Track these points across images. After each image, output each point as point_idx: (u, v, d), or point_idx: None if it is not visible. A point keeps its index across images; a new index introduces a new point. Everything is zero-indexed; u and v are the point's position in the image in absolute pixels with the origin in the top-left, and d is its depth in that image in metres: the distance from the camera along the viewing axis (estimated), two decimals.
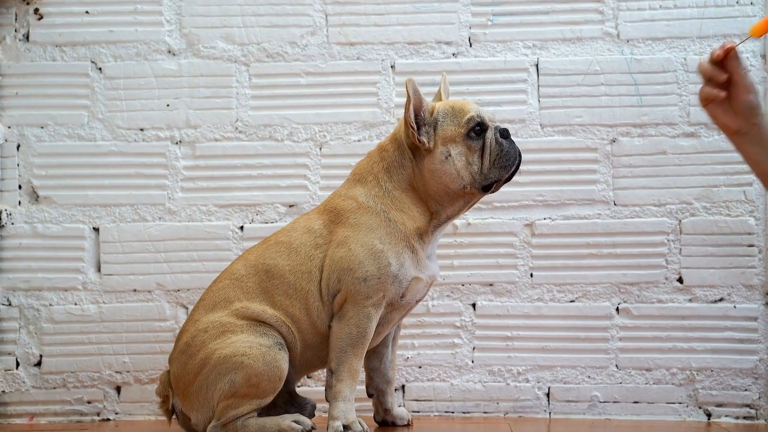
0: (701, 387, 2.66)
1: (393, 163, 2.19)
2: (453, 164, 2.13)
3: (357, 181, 2.23)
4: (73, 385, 2.72)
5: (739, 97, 1.93)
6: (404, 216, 2.16)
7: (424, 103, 2.16)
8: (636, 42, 2.71)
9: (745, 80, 1.93)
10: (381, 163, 2.21)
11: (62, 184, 2.74)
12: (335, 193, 2.26)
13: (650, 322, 2.67)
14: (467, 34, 2.74)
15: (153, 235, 2.73)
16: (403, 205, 2.17)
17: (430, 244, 2.21)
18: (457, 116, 2.16)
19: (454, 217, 2.23)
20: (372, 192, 2.19)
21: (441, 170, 2.14)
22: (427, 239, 2.19)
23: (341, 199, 2.22)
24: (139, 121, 2.75)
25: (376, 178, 2.20)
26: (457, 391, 2.71)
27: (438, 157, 2.14)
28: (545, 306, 2.70)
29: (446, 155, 2.14)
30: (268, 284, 2.18)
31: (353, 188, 2.22)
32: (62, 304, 2.72)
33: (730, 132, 1.99)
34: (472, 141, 2.15)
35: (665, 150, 2.69)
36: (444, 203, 2.18)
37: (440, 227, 2.22)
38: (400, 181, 2.18)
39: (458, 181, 2.14)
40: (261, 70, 2.75)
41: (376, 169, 2.21)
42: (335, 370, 2.13)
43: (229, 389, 2.09)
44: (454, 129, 2.15)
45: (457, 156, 2.14)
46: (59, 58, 2.75)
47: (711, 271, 2.66)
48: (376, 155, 2.24)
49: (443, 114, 2.17)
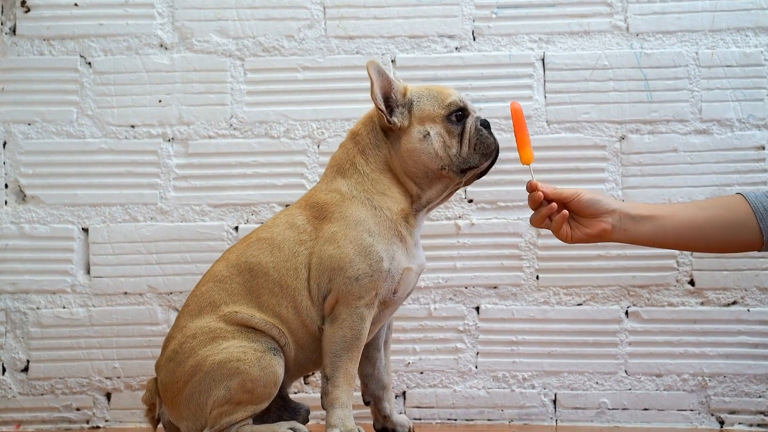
0: (714, 393, 2.66)
1: (368, 146, 2.20)
2: (431, 144, 2.14)
3: (336, 173, 2.22)
4: (61, 392, 2.72)
5: (572, 205, 2.14)
6: (387, 199, 2.15)
7: (394, 84, 2.16)
8: (646, 35, 2.70)
9: (564, 194, 2.14)
10: (356, 148, 2.20)
11: (50, 183, 2.73)
12: (315, 188, 2.24)
13: (661, 326, 2.67)
14: (471, 27, 2.74)
15: (144, 236, 2.73)
16: (384, 186, 2.17)
17: (415, 229, 2.20)
18: (436, 98, 2.17)
19: (434, 203, 2.21)
20: (353, 180, 2.18)
21: (419, 149, 2.14)
22: (413, 222, 2.19)
23: (323, 193, 2.20)
24: (130, 117, 2.74)
25: (353, 164, 2.19)
26: (460, 398, 2.70)
27: (415, 135, 2.15)
28: (551, 309, 2.70)
29: (424, 134, 2.14)
30: (252, 284, 2.16)
31: (334, 181, 2.21)
32: (50, 308, 2.72)
33: (602, 236, 2.17)
34: (452, 125, 2.16)
35: (676, 147, 2.68)
36: (423, 185, 2.17)
37: (421, 212, 2.21)
38: (377, 162, 2.18)
39: (437, 161, 2.14)
40: (256, 65, 2.74)
41: (351, 155, 2.20)
42: (331, 376, 2.11)
43: (224, 396, 2.07)
44: (433, 109, 2.16)
45: (435, 136, 2.14)
46: (47, 53, 2.75)
47: (724, 273, 2.66)
48: (349, 143, 2.24)
49: (418, 95, 2.17)
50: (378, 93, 2.13)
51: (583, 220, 2.17)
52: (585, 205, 2.16)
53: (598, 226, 2.16)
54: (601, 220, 2.16)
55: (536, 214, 2.17)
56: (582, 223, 2.17)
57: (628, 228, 2.16)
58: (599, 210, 2.16)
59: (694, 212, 2.16)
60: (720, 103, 2.67)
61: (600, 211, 2.16)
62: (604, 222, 2.16)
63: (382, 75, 2.13)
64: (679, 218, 2.16)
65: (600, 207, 2.16)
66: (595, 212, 2.16)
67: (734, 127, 2.66)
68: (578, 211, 2.17)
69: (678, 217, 2.16)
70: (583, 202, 2.15)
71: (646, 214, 2.17)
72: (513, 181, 2.67)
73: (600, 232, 2.16)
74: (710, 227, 2.14)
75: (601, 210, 2.16)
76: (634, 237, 2.17)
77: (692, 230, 2.15)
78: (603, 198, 2.17)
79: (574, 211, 2.17)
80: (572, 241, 2.18)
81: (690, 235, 2.15)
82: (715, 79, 2.67)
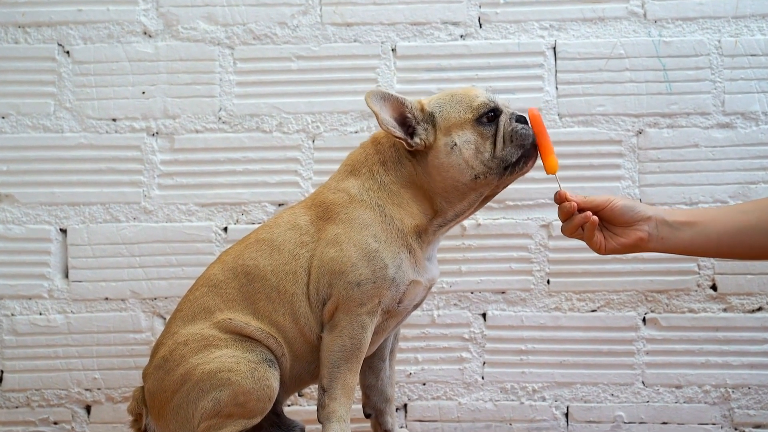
0: (737, 406, 2.66)
1: (390, 159, 2.18)
2: (460, 154, 2.10)
3: (349, 173, 2.20)
4: (37, 404, 2.72)
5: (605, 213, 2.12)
6: (402, 212, 2.14)
7: (407, 102, 2.13)
8: (665, 22, 2.70)
9: (596, 202, 2.12)
10: (376, 156, 2.19)
11: (25, 181, 2.73)
12: (324, 185, 2.23)
13: (680, 334, 2.68)
14: (477, 13, 2.73)
15: (127, 237, 2.72)
16: (402, 200, 2.15)
17: (430, 245, 2.20)
18: (461, 102, 2.14)
19: (463, 216, 2.20)
20: (366, 185, 2.16)
21: (447, 163, 2.11)
22: (427, 239, 2.18)
23: (331, 192, 2.18)
24: (111, 110, 2.74)
25: (371, 170, 2.18)
26: (466, 411, 2.71)
27: (442, 149, 2.11)
28: (563, 316, 2.70)
29: (451, 145, 2.11)
30: (249, 289, 2.15)
31: (345, 180, 2.19)
32: (26, 314, 2.72)
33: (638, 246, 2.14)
34: (484, 127, 2.11)
35: (697, 143, 2.68)
36: (452, 199, 2.15)
37: (445, 226, 2.20)
38: (398, 176, 2.16)
39: (468, 172, 2.10)
40: (247, 54, 2.74)
41: (371, 162, 2.19)
42: (328, 388, 2.10)
43: (212, 408, 2.07)
44: (459, 115, 2.12)
45: (464, 144, 2.10)
46: (22, 41, 2.75)
47: (748, 277, 2.66)
48: (370, 147, 2.22)
49: (439, 104, 2.14)
50: (388, 120, 2.09)
51: (616, 229, 2.15)
52: (619, 213, 2.13)
53: (634, 235, 2.13)
54: (636, 229, 2.13)
55: (568, 224, 2.15)
56: (616, 232, 2.15)
57: (666, 236, 2.14)
58: (634, 217, 2.13)
59: (737, 216, 2.14)
60: (744, 94, 2.66)
61: (635, 218, 2.13)
62: (639, 230, 2.13)
63: (387, 99, 2.11)
64: (720, 223, 2.13)
65: (635, 214, 2.13)
66: (629, 220, 2.13)
67: (759, 121, 2.66)
68: (611, 219, 2.15)
69: (719, 222, 2.14)
70: (616, 210, 2.13)
71: (684, 221, 2.14)
72: (522, 179, 2.62)
73: (636, 241, 2.13)
74: (755, 232, 2.11)
75: (636, 217, 2.13)
76: (673, 245, 2.15)
77: (736, 236, 2.12)
78: (638, 204, 2.15)
79: (607, 220, 2.15)
80: (606, 252, 2.16)
81: (734, 241, 2.12)
82: (739, 69, 2.66)
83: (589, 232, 2.11)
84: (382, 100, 2.09)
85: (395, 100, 2.11)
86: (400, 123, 2.11)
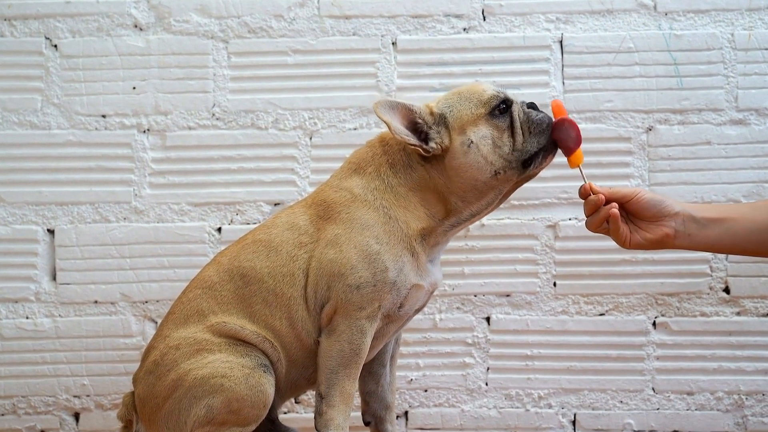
0: (751, 413, 2.67)
1: (399, 162, 2.16)
2: (478, 151, 2.09)
3: (354, 171, 2.18)
4: (24, 412, 2.72)
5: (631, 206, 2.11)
6: (408, 215, 2.13)
7: (415, 108, 2.13)
8: (676, 15, 2.70)
9: (621, 193, 2.12)
10: (384, 157, 2.17)
11: (12, 180, 2.73)
12: (326, 183, 2.21)
13: (692, 338, 2.67)
14: (480, 5, 2.72)
15: (117, 238, 2.72)
16: (409, 203, 2.14)
17: (437, 246, 2.19)
18: (470, 98, 2.13)
19: (479, 215, 2.19)
20: (372, 185, 2.15)
21: (465, 163, 2.09)
22: (433, 241, 2.17)
23: (333, 190, 2.17)
24: (100, 106, 2.74)
25: (377, 170, 2.16)
26: (469, 418, 2.70)
27: (459, 149, 2.10)
28: (570, 320, 2.70)
29: (468, 144, 2.09)
30: (245, 291, 2.14)
31: (348, 179, 2.17)
32: (12, 318, 2.72)
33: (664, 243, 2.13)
34: (498, 119, 2.10)
35: (709, 140, 2.68)
36: (470, 199, 2.14)
37: (459, 226, 2.18)
38: (407, 180, 2.15)
39: (487, 168, 2.09)
40: (242, 48, 2.74)
41: (378, 162, 2.17)
42: (326, 394, 2.09)
43: (205, 415, 2.05)
44: (471, 111, 2.11)
45: (480, 140, 2.09)
46: (8, 34, 2.74)
47: (762, 280, 2.66)
48: (378, 147, 2.20)
49: (448, 104, 2.13)
50: (401, 129, 2.08)
51: (642, 224, 2.14)
52: (645, 206, 2.12)
53: (660, 231, 2.12)
54: (662, 224, 2.12)
55: (594, 218, 2.14)
56: (641, 226, 2.14)
57: (693, 233, 2.12)
58: (661, 212, 2.12)
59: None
60: (758, 90, 2.65)
61: (662, 213, 2.12)
62: (666, 227, 2.12)
63: (395, 108, 2.09)
64: (750, 220, 2.12)
65: (662, 209, 2.12)
66: (656, 214, 2.12)
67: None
68: (638, 213, 2.14)
69: (749, 218, 2.12)
70: (643, 203, 2.12)
71: (713, 217, 2.13)
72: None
73: (662, 237, 2.12)
74: None
75: (663, 212, 2.12)
76: (700, 243, 2.14)
77: (766, 233, 2.11)
78: (666, 199, 2.14)
79: (633, 213, 2.14)
80: (630, 246, 2.15)
81: (762, 238, 2.11)
82: (753, 63, 2.66)
83: (613, 224, 2.10)
84: (391, 109, 2.09)
85: (403, 107, 2.11)
86: (411, 130, 2.10)
